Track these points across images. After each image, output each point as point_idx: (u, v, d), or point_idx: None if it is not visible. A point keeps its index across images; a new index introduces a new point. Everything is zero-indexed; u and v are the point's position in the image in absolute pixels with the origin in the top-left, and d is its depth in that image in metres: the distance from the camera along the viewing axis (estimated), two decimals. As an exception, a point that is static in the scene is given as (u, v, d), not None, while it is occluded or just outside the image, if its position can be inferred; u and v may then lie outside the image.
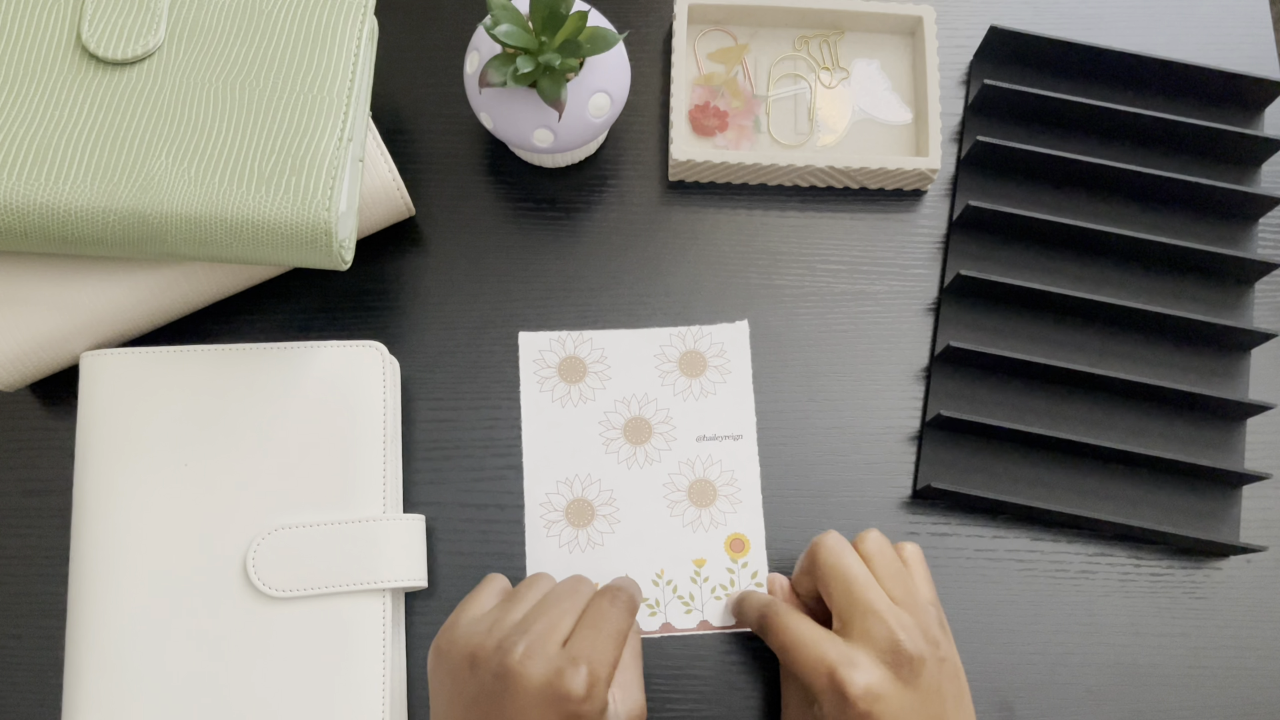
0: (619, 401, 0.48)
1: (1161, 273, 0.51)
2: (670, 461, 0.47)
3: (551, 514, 0.47)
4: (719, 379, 0.48)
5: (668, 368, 0.48)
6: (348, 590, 0.42)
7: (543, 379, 0.48)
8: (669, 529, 0.47)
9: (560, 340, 0.49)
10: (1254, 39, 0.55)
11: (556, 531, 0.46)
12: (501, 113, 0.44)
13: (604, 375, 0.48)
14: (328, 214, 0.40)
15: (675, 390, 0.48)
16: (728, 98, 0.52)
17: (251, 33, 0.42)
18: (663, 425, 0.48)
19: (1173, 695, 0.46)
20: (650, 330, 0.49)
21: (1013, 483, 0.48)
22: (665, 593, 0.46)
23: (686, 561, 0.46)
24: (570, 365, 0.48)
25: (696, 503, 0.47)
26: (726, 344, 0.49)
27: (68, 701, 0.40)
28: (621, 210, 0.51)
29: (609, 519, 0.47)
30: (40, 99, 0.40)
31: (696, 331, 0.49)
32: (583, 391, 0.48)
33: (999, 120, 0.53)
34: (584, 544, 0.46)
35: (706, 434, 0.48)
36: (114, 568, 0.41)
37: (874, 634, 0.37)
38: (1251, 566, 0.48)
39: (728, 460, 0.48)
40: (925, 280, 0.51)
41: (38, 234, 0.39)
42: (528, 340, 0.48)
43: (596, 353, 0.48)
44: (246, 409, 0.43)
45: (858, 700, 0.36)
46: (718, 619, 0.46)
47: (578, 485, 0.47)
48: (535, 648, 0.35)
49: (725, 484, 0.47)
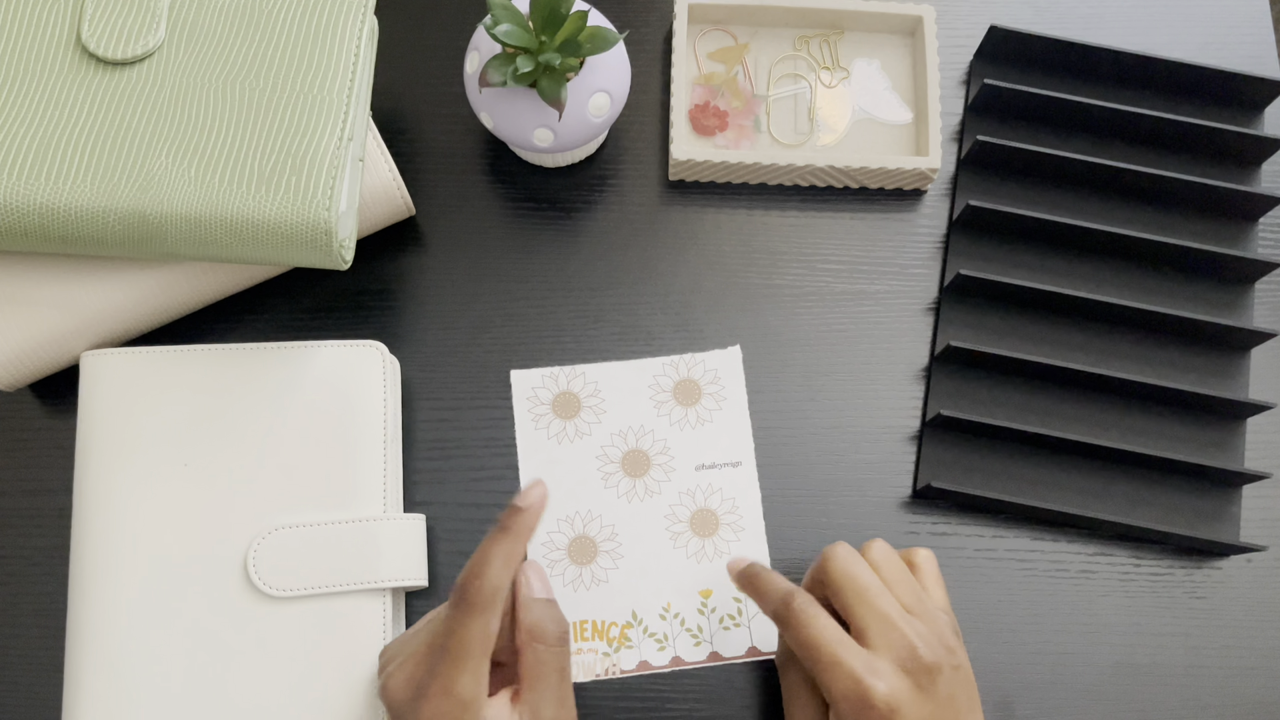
0: (615, 435, 0.48)
1: (1161, 272, 0.51)
2: (670, 493, 0.47)
3: (554, 553, 0.46)
4: (715, 406, 0.48)
5: (662, 398, 0.48)
6: (348, 590, 0.42)
7: (537, 416, 0.48)
8: (673, 561, 0.46)
9: (553, 376, 0.48)
10: (1254, 39, 0.55)
11: (560, 570, 0.46)
12: (501, 112, 0.44)
13: (599, 409, 0.48)
14: (328, 214, 0.40)
15: (671, 420, 0.48)
16: (728, 97, 0.52)
17: (251, 32, 0.42)
18: (661, 456, 0.48)
19: (1173, 695, 0.46)
20: (643, 361, 0.49)
21: (1013, 483, 0.48)
22: (673, 626, 0.45)
23: (693, 594, 0.46)
24: (564, 401, 0.48)
25: (699, 533, 0.47)
26: (720, 370, 0.49)
27: (68, 701, 0.40)
28: (621, 210, 0.51)
29: (612, 555, 0.46)
30: (40, 99, 0.40)
31: (690, 360, 0.49)
32: (578, 427, 0.48)
33: (999, 120, 0.53)
34: (588, 581, 0.46)
35: (705, 462, 0.48)
36: (114, 567, 0.41)
37: (892, 643, 0.37)
38: (1251, 566, 0.48)
39: (728, 488, 0.47)
40: (925, 280, 0.51)
41: (38, 234, 0.39)
42: (520, 378, 0.48)
43: (590, 386, 0.48)
44: (246, 409, 0.43)
45: (879, 708, 0.35)
46: (728, 650, 0.45)
47: (579, 522, 0.47)
48: (404, 666, 0.36)
49: (727, 512, 0.47)
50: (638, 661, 0.45)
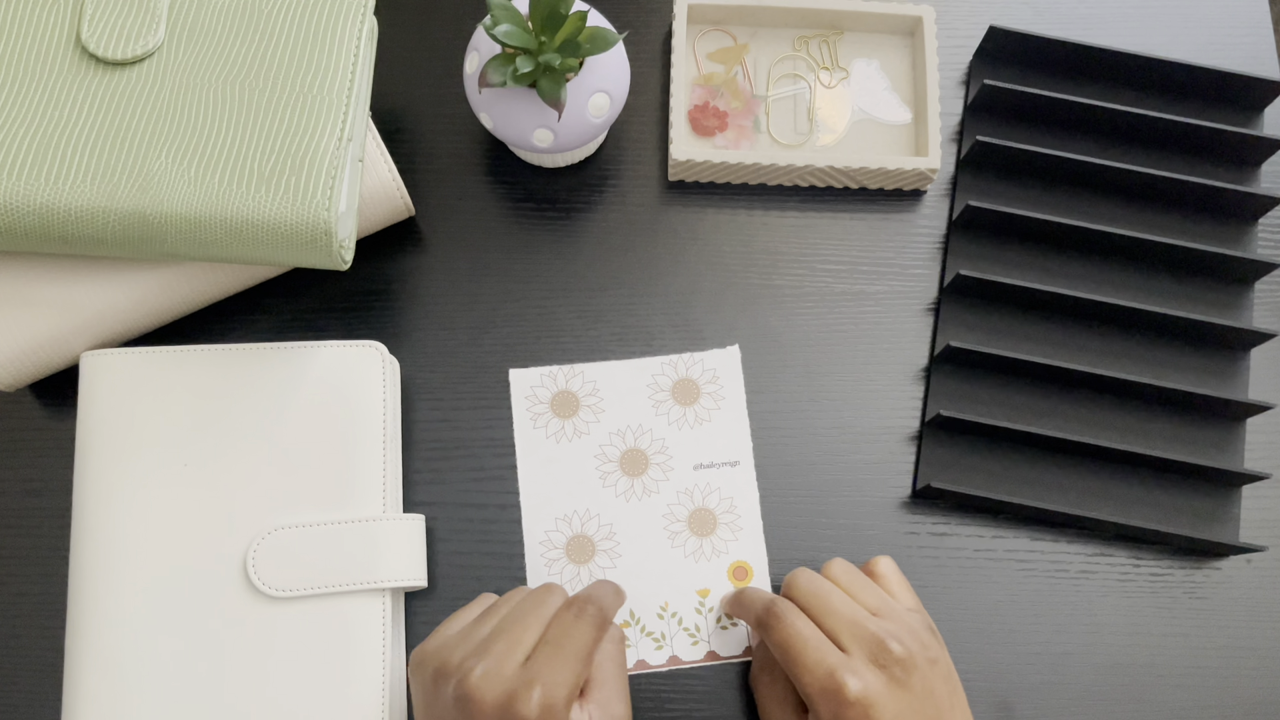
0: (614, 434, 0.48)
1: (1161, 273, 0.51)
2: (669, 492, 0.47)
3: (552, 552, 0.46)
4: (713, 405, 0.48)
5: (661, 397, 0.48)
6: (348, 590, 0.42)
7: (536, 415, 0.48)
8: (671, 560, 0.46)
9: (551, 375, 0.48)
10: (1254, 39, 0.55)
11: (558, 570, 0.46)
12: (501, 113, 0.44)
13: (597, 408, 0.48)
14: (327, 214, 0.40)
15: (670, 419, 0.48)
16: (727, 98, 0.52)
17: (251, 33, 0.42)
18: (659, 455, 0.48)
19: (1173, 695, 0.46)
20: (641, 360, 0.49)
21: (1013, 483, 0.48)
22: (671, 625, 0.45)
23: (690, 593, 0.46)
24: (563, 400, 0.48)
25: (697, 532, 0.47)
26: (719, 370, 0.49)
27: (68, 701, 0.40)
28: (621, 210, 0.51)
29: (610, 554, 0.46)
30: (40, 99, 0.40)
31: (688, 359, 0.49)
32: (576, 426, 0.48)
33: (999, 120, 0.53)
34: (586, 580, 0.46)
35: (703, 462, 0.48)
36: (114, 567, 0.41)
37: (863, 641, 0.37)
38: (1251, 566, 0.48)
39: (726, 487, 0.47)
40: (925, 280, 0.51)
41: (38, 234, 0.39)
42: (518, 377, 0.48)
43: (588, 386, 0.48)
44: (246, 409, 0.43)
45: (855, 702, 0.36)
46: (725, 649, 0.45)
47: (576, 521, 0.47)
48: (492, 669, 0.35)
49: (725, 511, 0.47)
50: (635, 660, 0.45)
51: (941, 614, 0.47)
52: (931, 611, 0.47)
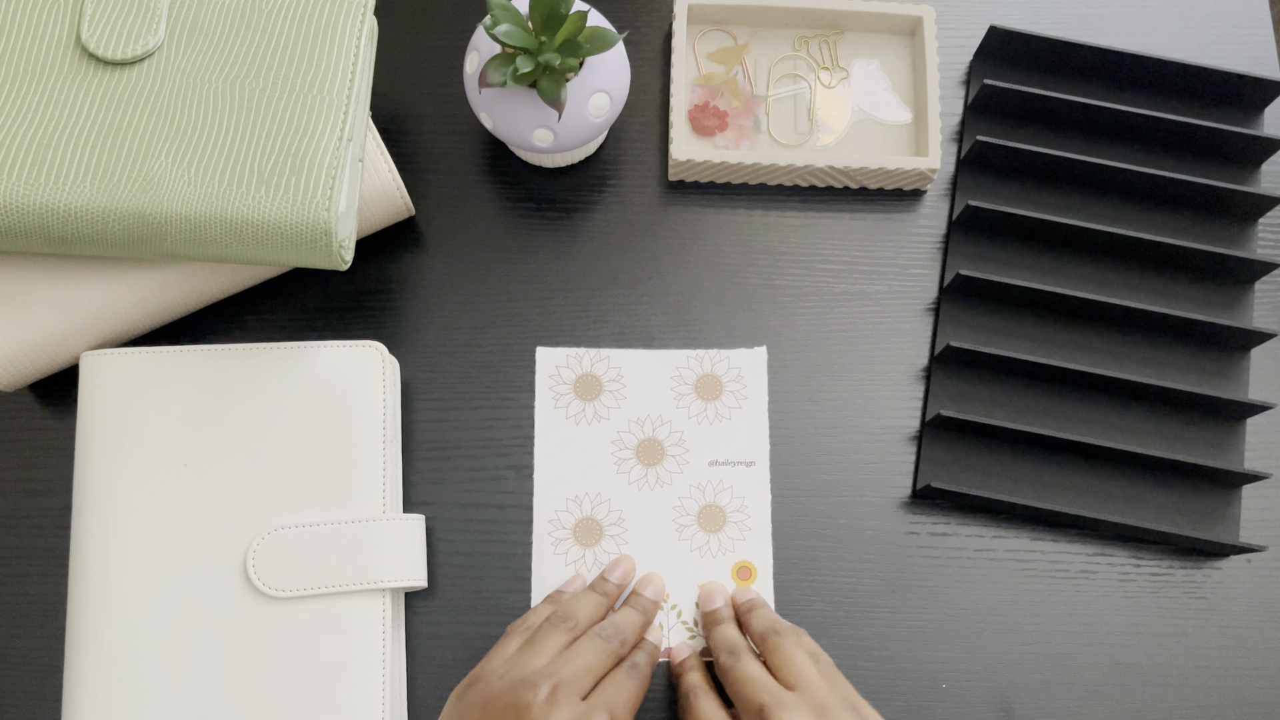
0: (633, 422, 0.48)
1: (1161, 272, 0.51)
2: (681, 485, 0.47)
3: (559, 531, 0.46)
4: (735, 404, 0.48)
5: (683, 390, 0.48)
6: (347, 590, 0.42)
7: (558, 395, 0.48)
8: (676, 553, 0.46)
9: (577, 357, 0.48)
10: (1254, 39, 0.55)
11: (564, 550, 0.46)
12: (501, 113, 0.44)
13: (619, 394, 0.48)
14: (327, 214, 0.40)
15: (690, 413, 0.48)
16: (727, 98, 0.52)
17: (251, 33, 0.42)
18: (675, 448, 0.48)
19: (1173, 695, 0.46)
20: (668, 351, 0.49)
21: (1013, 483, 0.48)
22: (670, 618, 0.46)
23: (692, 587, 0.46)
24: (586, 382, 0.48)
25: (705, 528, 0.47)
26: (744, 369, 0.49)
27: (68, 701, 0.40)
28: (621, 210, 0.51)
29: (616, 539, 0.46)
30: (40, 99, 0.40)
31: (714, 355, 0.49)
32: (597, 410, 0.48)
33: (999, 120, 0.53)
34: (590, 563, 0.46)
35: (719, 459, 0.48)
36: (114, 568, 0.41)
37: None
38: (1251, 566, 0.48)
39: (739, 486, 0.47)
40: (925, 280, 0.51)
41: (38, 234, 0.39)
42: (545, 355, 0.48)
43: (613, 371, 0.48)
44: (246, 409, 0.43)
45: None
46: None
47: (587, 504, 0.47)
48: (561, 694, 0.36)
49: (735, 510, 0.47)
50: None
51: (941, 614, 0.47)
52: (932, 611, 0.47)
